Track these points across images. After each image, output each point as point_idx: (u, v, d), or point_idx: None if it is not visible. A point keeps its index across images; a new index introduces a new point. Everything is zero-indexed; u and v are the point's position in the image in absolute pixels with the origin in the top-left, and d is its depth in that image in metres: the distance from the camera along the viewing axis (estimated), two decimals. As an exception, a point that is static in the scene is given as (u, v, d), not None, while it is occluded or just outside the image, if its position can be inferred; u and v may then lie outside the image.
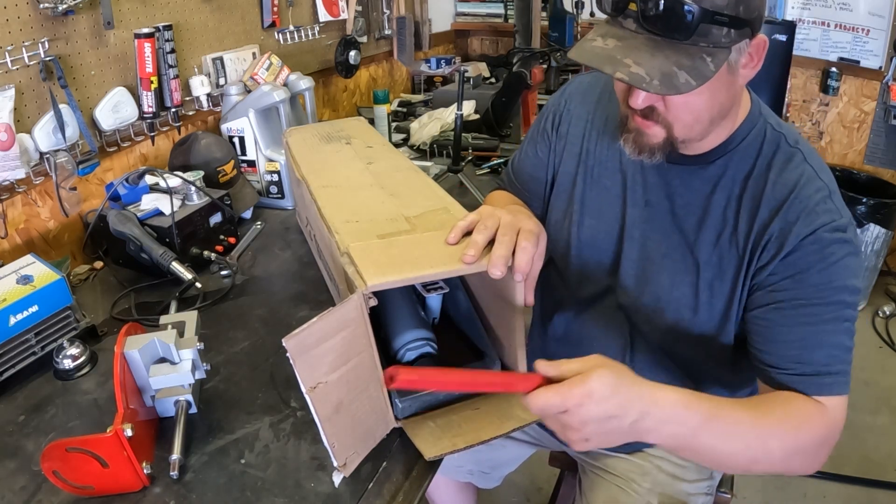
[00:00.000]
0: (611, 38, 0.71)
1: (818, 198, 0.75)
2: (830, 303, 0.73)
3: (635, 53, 0.69)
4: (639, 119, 0.77)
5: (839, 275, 0.73)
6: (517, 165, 1.08)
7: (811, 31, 2.67)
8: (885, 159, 2.67)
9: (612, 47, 0.70)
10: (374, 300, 0.69)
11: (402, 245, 0.77)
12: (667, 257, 0.86)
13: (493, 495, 1.79)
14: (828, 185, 0.76)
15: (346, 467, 0.73)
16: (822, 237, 0.73)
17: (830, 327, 0.74)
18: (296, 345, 0.63)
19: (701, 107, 0.74)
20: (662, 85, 0.67)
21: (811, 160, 0.78)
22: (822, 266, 0.73)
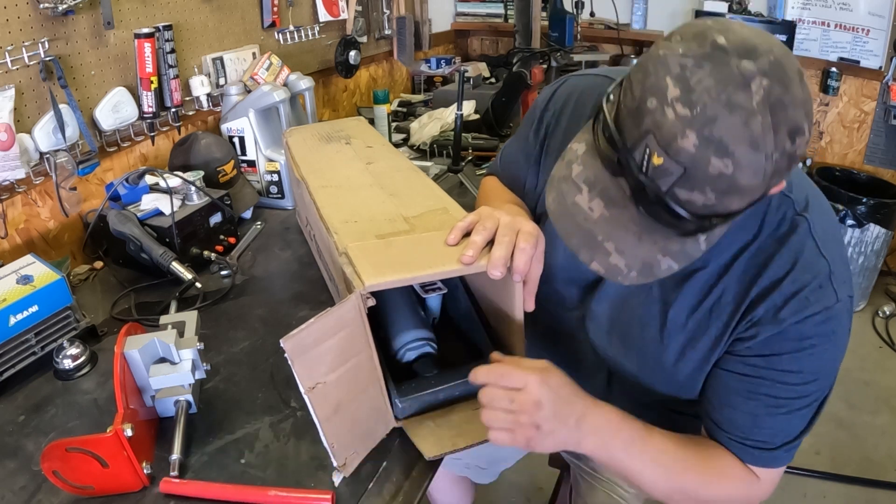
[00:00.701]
0: (598, 200, 0.62)
1: (814, 284, 0.67)
2: (796, 392, 0.71)
3: (620, 234, 0.61)
4: None
5: (814, 366, 0.69)
6: (504, 163, 1.02)
7: (811, 31, 2.67)
8: (885, 159, 2.67)
9: (597, 218, 0.62)
10: (373, 300, 0.69)
11: (400, 245, 0.77)
12: (641, 307, 0.79)
13: (493, 495, 1.79)
14: (830, 263, 0.68)
15: (346, 467, 0.73)
16: (806, 329, 0.68)
17: (784, 411, 0.71)
18: (294, 345, 0.63)
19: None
20: (641, 275, 0.62)
21: (816, 230, 0.69)
22: (799, 356, 0.69)
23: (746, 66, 0.53)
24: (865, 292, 2.66)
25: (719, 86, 0.53)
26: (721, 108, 0.53)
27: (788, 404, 0.71)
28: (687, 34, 0.57)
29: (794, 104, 0.54)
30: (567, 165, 0.65)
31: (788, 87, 0.54)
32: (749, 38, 0.55)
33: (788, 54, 0.56)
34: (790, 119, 0.54)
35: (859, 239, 2.50)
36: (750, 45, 0.54)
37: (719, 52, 0.54)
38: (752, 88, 0.53)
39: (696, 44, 0.55)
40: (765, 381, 0.71)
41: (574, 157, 0.65)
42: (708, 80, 0.53)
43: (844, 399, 2.15)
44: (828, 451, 1.94)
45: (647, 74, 0.57)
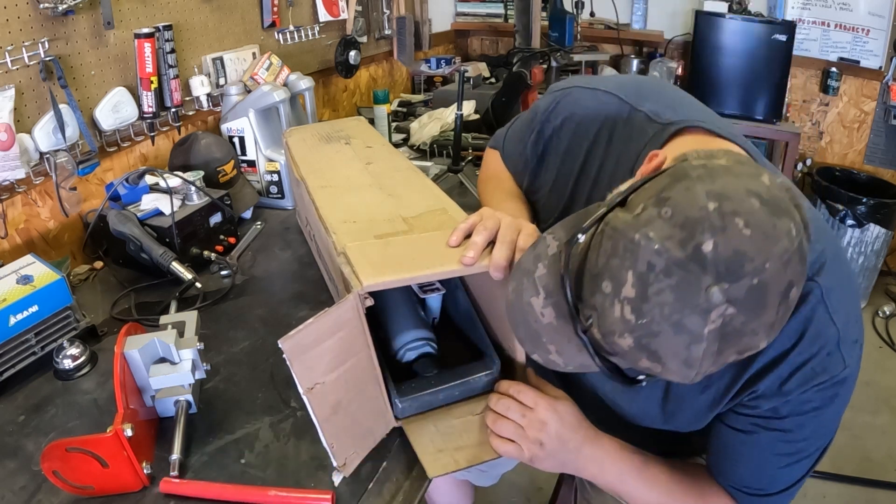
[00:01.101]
0: (551, 309, 0.59)
1: (822, 354, 0.65)
2: (795, 448, 0.70)
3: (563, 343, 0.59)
4: None
5: (816, 425, 0.69)
6: (507, 150, 0.99)
7: (811, 31, 2.67)
8: (885, 159, 2.67)
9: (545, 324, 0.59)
10: (371, 300, 0.69)
11: (399, 246, 0.77)
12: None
13: (493, 495, 1.79)
14: (840, 330, 0.65)
15: (346, 467, 0.73)
16: (810, 396, 0.66)
17: (783, 464, 0.71)
18: (292, 346, 0.63)
19: None
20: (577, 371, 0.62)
21: (829, 295, 0.65)
22: (801, 419, 0.68)
23: (715, 294, 0.47)
24: (865, 292, 2.66)
25: (676, 305, 0.48)
26: (667, 327, 0.49)
27: (787, 458, 0.71)
28: (677, 217, 0.49)
29: (755, 332, 0.50)
30: (535, 260, 0.61)
31: (759, 314, 0.49)
32: (743, 250, 0.47)
33: (785, 267, 0.48)
34: (742, 344, 0.50)
35: (859, 239, 2.50)
36: (737, 263, 0.47)
37: (696, 266, 0.47)
38: (711, 317, 0.48)
39: (677, 241, 0.48)
40: (764, 439, 0.71)
41: (543, 254, 0.61)
42: (667, 296, 0.48)
43: (844, 399, 2.15)
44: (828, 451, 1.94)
45: (615, 252, 0.51)
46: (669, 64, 2.71)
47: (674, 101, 0.78)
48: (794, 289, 0.50)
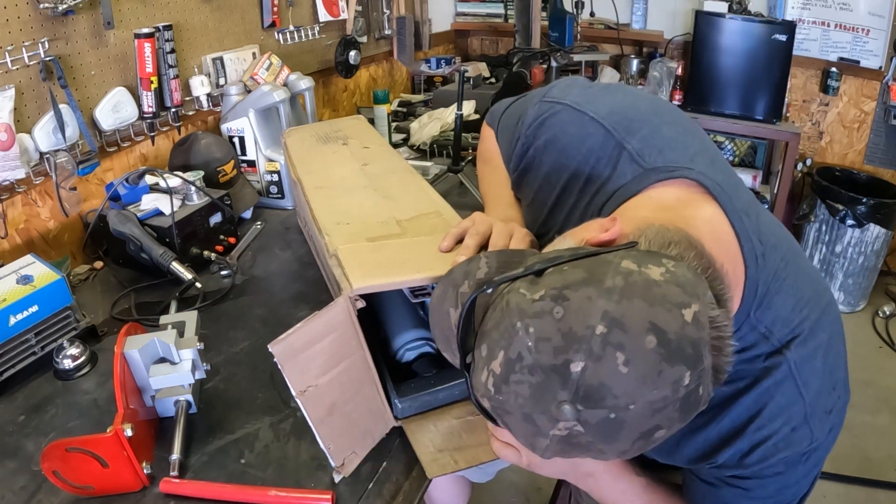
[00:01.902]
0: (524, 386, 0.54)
1: (784, 430, 0.62)
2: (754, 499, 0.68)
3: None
4: None
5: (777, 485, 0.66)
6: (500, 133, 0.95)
7: (811, 31, 2.66)
8: (885, 159, 2.67)
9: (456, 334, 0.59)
10: (362, 302, 0.69)
11: (391, 249, 0.77)
12: None
13: (492, 495, 1.79)
14: (809, 404, 0.62)
15: (345, 467, 0.73)
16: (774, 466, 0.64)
17: None
18: (282, 350, 0.63)
19: None
20: None
21: (800, 370, 0.62)
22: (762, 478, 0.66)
23: (567, 410, 0.46)
24: (865, 292, 2.66)
25: (529, 401, 0.48)
26: (518, 414, 0.49)
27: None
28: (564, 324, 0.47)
29: (602, 451, 0.49)
30: (464, 276, 0.61)
31: (608, 441, 0.47)
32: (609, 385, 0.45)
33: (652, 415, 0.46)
34: (589, 454, 0.50)
35: (859, 239, 2.50)
36: (598, 395, 0.45)
37: (557, 379, 0.46)
38: (558, 426, 0.47)
39: (552, 348, 0.46)
40: (728, 493, 0.69)
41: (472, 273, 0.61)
42: (524, 389, 0.47)
43: (844, 399, 2.15)
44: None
45: (497, 327, 0.51)
46: (669, 64, 2.71)
47: (668, 139, 0.70)
48: (660, 431, 0.48)
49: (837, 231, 2.53)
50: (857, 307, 2.66)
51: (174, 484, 0.73)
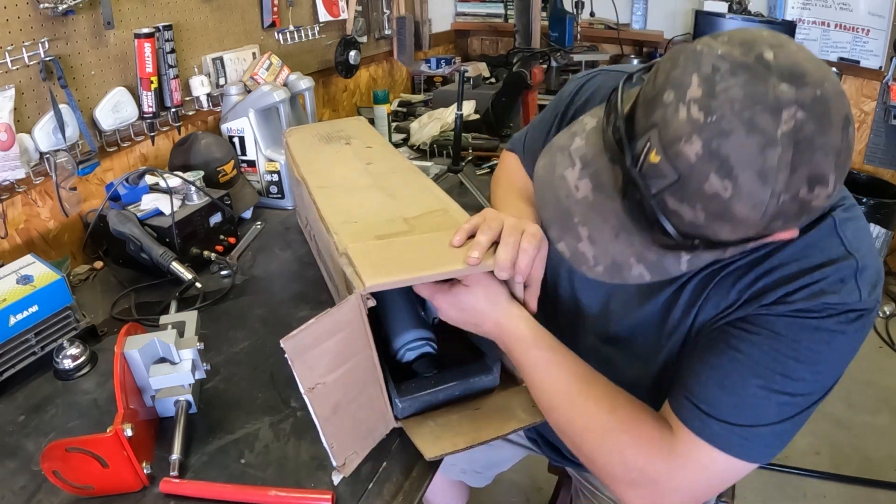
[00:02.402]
0: (587, 181, 0.57)
1: (834, 277, 0.59)
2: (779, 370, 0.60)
3: (597, 224, 0.57)
4: None
5: (813, 345, 0.59)
6: (528, 144, 1.00)
7: (811, 31, 2.67)
8: (885, 159, 2.67)
9: (579, 199, 0.57)
10: (373, 301, 0.69)
11: (400, 246, 0.77)
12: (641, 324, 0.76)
13: (493, 495, 1.79)
14: (858, 261, 0.60)
15: (346, 467, 0.73)
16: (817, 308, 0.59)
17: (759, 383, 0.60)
18: (294, 346, 0.63)
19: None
20: (607, 273, 0.57)
21: (844, 229, 0.62)
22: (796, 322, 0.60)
23: (785, 90, 0.47)
24: (865, 292, 2.66)
25: (746, 101, 0.47)
26: (739, 125, 0.47)
27: (768, 380, 0.60)
28: (735, 38, 0.51)
29: (825, 149, 0.48)
30: (570, 136, 0.61)
31: (825, 131, 0.48)
32: (801, 63, 0.49)
33: (841, 96, 0.50)
34: (815, 164, 0.48)
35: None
36: (799, 71, 0.48)
37: (761, 67, 0.48)
38: (783, 117, 0.47)
39: (740, 50, 0.50)
40: (749, 339, 0.62)
41: (580, 130, 0.61)
42: (736, 91, 0.48)
43: (844, 399, 2.15)
44: (828, 451, 1.94)
45: (675, 66, 0.52)
46: (669, 64, 2.71)
47: None
48: (850, 128, 0.50)
49: (837, 231, 2.53)
50: (857, 307, 2.66)
51: (174, 484, 0.73)
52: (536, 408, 0.79)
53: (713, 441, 0.61)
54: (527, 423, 0.77)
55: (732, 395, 0.61)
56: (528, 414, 0.78)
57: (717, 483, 0.62)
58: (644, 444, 0.63)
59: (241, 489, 0.72)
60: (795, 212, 0.51)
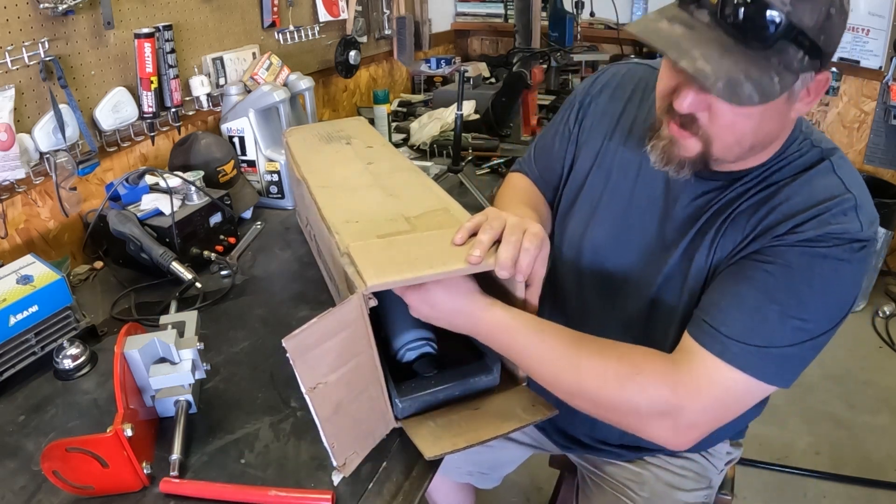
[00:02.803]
0: (678, 25, 0.64)
1: (836, 210, 0.68)
2: (794, 291, 0.66)
3: (704, 47, 0.62)
4: (675, 127, 0.71)
5: (822, 272, 0.66)
6: (538, 152, 1.05)
7: (811, 31, 2.66)
8: (885, 159, 2.67)
9: (680, 34, 0.63)
10: (374, 301, 0.69)
11: (402, 245, 0.77)
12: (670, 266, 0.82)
13: (492, 495, 1.79)
14: (856, 197, 0.69)
15: (346, 467, 0.73)
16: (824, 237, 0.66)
17: (776, 310, 0.66)
18: (296, 345, 0.63)
19: (746, 130, 0.68)
20: (726, 90, 0.60)
21: (842, 171, 0.72)
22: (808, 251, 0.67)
23: None
24: (865, 292, 2.66)
25: None
26: None
27: (782, 306, 0.66)
28: None
29: None
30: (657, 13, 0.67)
31: None
32: None
33: None
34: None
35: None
36: None
37: None
38: None
39: None
40: (764, 268, 0.68)
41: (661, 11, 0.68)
42: None
43: (844, 399, 2.15)
44: (828, 451, 1.94)
45: None
46: (669, 64, 2.71)
47: None
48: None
49: (837, 231, 2.53)
50: (857, 307, 2.67)
51: (174, 484, 0.73)
52: (536, 407, 0.79)
53: (733, 361, 0.67)
54: (527, 422, 0.77)
55: (749, 318, 0.67)
56: (528, 413, 0.78)
57: (736, 404, 0.68)
58: (663, 375, 0.68)
59: (241, 489, 0.72)
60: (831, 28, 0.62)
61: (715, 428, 0.70)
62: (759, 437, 1.98)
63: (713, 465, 1.02)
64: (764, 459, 1.90)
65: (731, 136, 0.69)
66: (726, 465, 1.06)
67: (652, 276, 0.84)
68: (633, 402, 0.68)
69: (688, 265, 0.79)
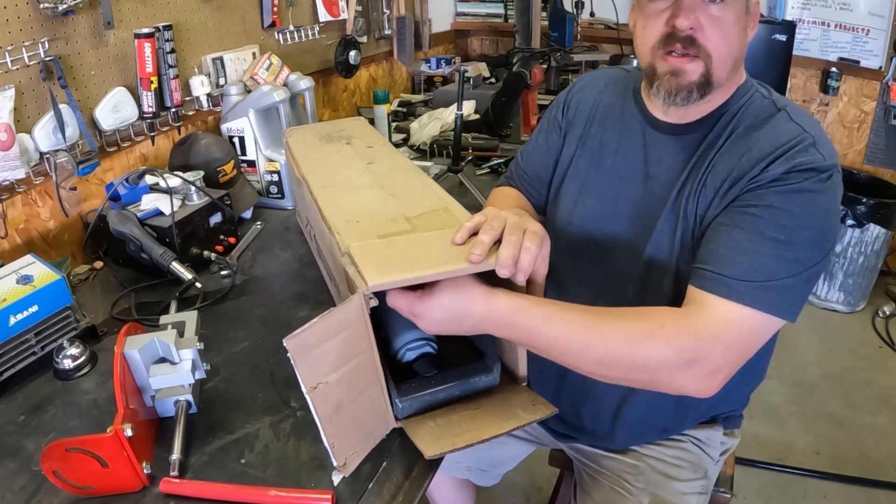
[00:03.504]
0: None
1: (799, 147, 0.76)
2: (783, 231, 0.73)
3: None
4: (672, 59, 0.81)
5: (802, 209, 0.73)
6: (527, 156, 1.12)
7: (811, 31, 2.67)
8: (885, 159, 2.67)
9: None
10: (375, 300, 0.69)
11: (403, 245, 0.77)
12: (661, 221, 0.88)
13: (492, 495, 1.79)
14: (814, 136, 0.77)
15: (346, 467, 0.73)
16: (793, 176, 0.74)
17: (769, 247, 0.73)
18: (297, 345, 0.63)
19: (733, 40, 0.80)
20: None
21: (798, 117, 0.81)
22: (786, 192, 0.74)
23: None
24: (865, 292, 2.66)
25: None
26: None
27: (773, 239, 0.73)
28: None
29: None
30: None
31: None
32: None
33: None
34: None
35: (859, 239, 2.50)
36: None
37: None
38: None
39: None
40: (750, 213, 0.76)
41: None
42: None
43: (844, 399, 2.16)
44: (828, 451, 1.94)
45: None
46: (669, 64, 2.71)
47: None
48: None
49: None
50: (857, 307, 2.67)
51: (174, 484, 0.73)
52: (537, 406, 0.79)
53: (741, 299, 0.73)
54: (527, 421, 0.77)
55: (748, 257, 0.74)
56: (528, 412, 0.78)
57: (751, 340, 0.74)
58: (685, 326, 0.73)
59: (241, 489, 0.72)
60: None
61: (735, 370, 0.74)
62: (759, 436, 1.98)
63: (708, 455, 1.02)
64: (764, 459, 1.89)
65: (725, 47, 0.80)
66: (722, 456, 1.07)
67: (643, 237, 0.90)
68: (661, 356, 0.71)
69: (675, 219, 0.86)
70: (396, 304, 0.73)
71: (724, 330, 0.72)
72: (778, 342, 0.94)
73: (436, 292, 0.72)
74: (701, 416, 1.03)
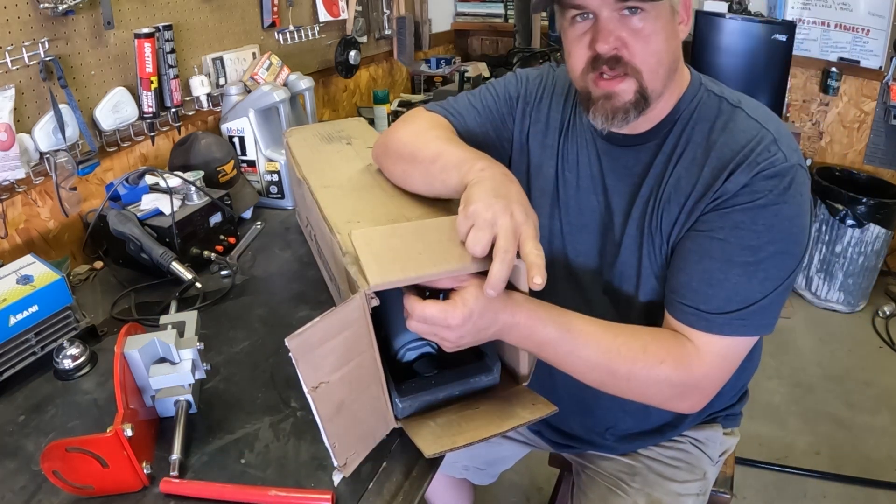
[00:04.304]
0: None
1: (759, 148, 0.75)
2: (750, 251, 0.73)
3: None
4: (603, 82, 0.78)
5: (768, 222, 0.73)
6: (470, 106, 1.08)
7: (811, 31, 2.67)
8: (885, 159, 2.67)
9: None
10: (377, 300, 0.69)
11: (405, 235, 0.76)
12: (626, 237, 0.87)
13: (492, 495, 1.79)
14: (773, 133, 0.76)
15: (347, 467, 0.73)
16: (757, 185, 0.73)
17: (738, 271, 0.73)
18: (298, 345, 0.63)
19: (661, 48, 0.76)
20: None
21: (755, 114, 0.79)
22: (750, 207, 0.73)
23: None
24: (865, 292, 2.66)
25: None
26: None
27: (743, 264, 0.73)
28: None
29: None
30: None
31: None
32: None
33: None
34: None
35: (859, 239, 2.50)
36: None
37: None
38: None
39: None
40: (717, 237, 0.75)
41: None
42: None
43: (844, 399, 2.16)
44: (828, 451, 1.94)
45: None
46: (669, 64, 2.71)
47: None
48: None
49: (837, 231, 2.53)
50: (857, 307, 2.67)
51: (174, 484, 0.73)
52: (536, 405, 0.79)
53: (721, 331, 0.75)
54: (526, 421, 0.77)
55: (721, 290, 0.75)
56: (528, 412, 0.78)
57: (735, 359, 0.78)
58: (680, 363, 0.75)
59: (241, 489, 0.72)
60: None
61: (720, 387, 0.79)
62: (759, 437, 1.98)
63: (707, 455, 1.02)
64: (764, 459, 1.90)
65: (653, 58, 0.76)
66: (721, 457, 1.07)
67: (612, 249, 0.89)
68: (659, 390, 0.76)
69: (639, 235, 0.85)
70: (417, 330, 0.72)
71: (714, 364, 0.76)
72: (778, 342, 0.94)
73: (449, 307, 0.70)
74: (698, 417, 1.03)
